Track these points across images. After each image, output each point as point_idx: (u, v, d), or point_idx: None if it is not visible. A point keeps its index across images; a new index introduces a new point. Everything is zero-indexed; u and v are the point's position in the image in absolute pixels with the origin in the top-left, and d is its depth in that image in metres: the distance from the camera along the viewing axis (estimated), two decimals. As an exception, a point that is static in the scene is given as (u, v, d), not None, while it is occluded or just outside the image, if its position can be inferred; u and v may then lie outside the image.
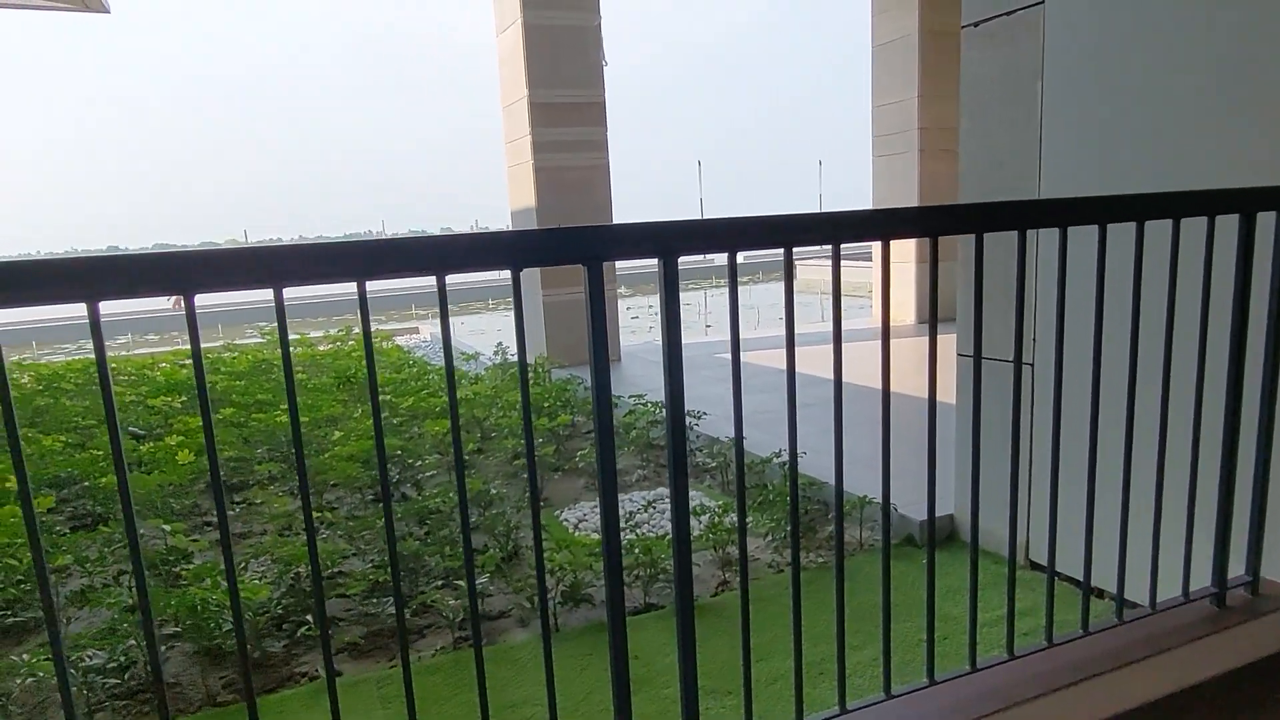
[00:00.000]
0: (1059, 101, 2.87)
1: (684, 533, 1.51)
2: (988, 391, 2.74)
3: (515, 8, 7.44)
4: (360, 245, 1.27)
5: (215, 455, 1.26)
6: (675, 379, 1.48)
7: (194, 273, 1.15)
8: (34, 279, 1.09)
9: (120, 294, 1.16)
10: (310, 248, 1.24)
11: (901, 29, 9.12)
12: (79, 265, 1.12)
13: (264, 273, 1.22)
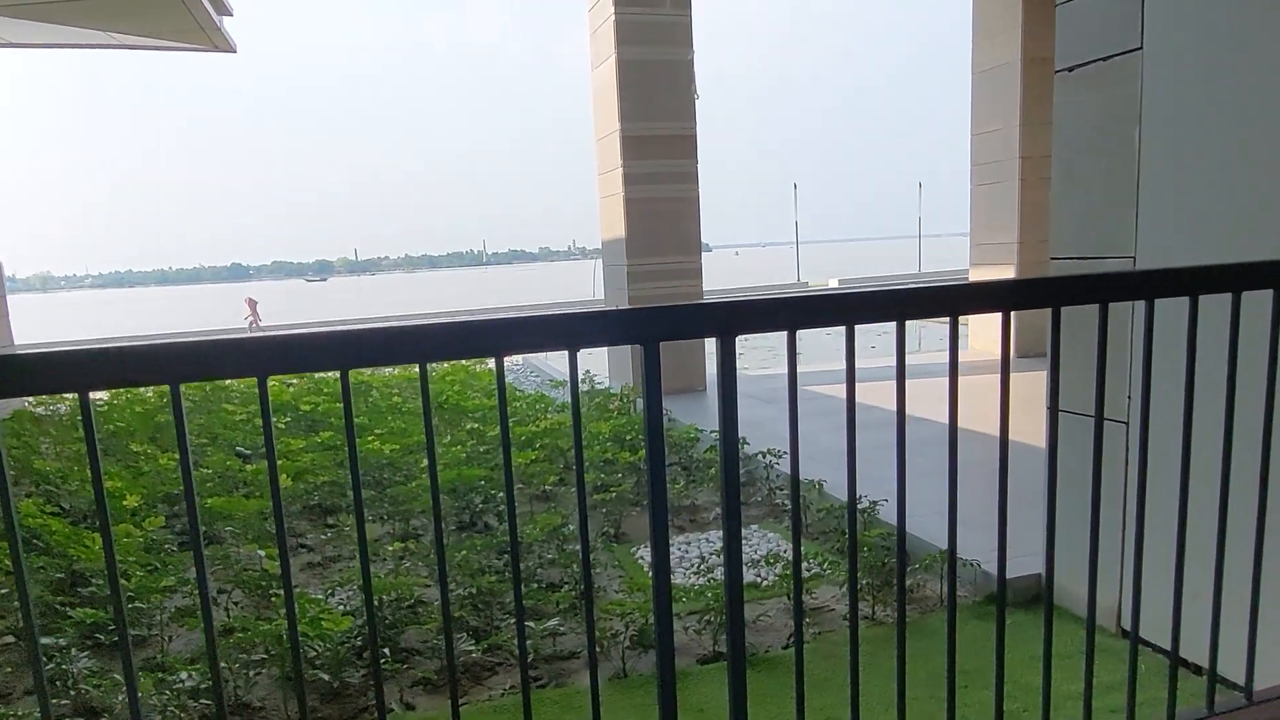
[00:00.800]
0: (1158, 149, 2.74)
1: (736, 589, 1.49)
2: (1077, 447, 2.62)
3: (610, 44, 7.59)
4: (423, 329, 1.31)
5: (281, 517, 1.33)
6: (731, 465, 1.47)
7: (228, 359, 1.23)
8: (119, 363, 1.19)
9: (200, 376, 1.25)
10: (375, 332, 1.30)
11: (1003, 56, 8.87)
12: (161, 350, 1.21)
13: (331, 357, 1.29)
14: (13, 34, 9.38)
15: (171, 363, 1.21)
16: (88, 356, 1.18)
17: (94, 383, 1.19)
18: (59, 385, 1.18)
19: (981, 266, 9.73)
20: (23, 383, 1.17)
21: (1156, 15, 2.69)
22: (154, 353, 1.21)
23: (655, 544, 1.46)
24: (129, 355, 1.21)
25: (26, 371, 1.16)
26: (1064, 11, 3.01)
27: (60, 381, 1.18)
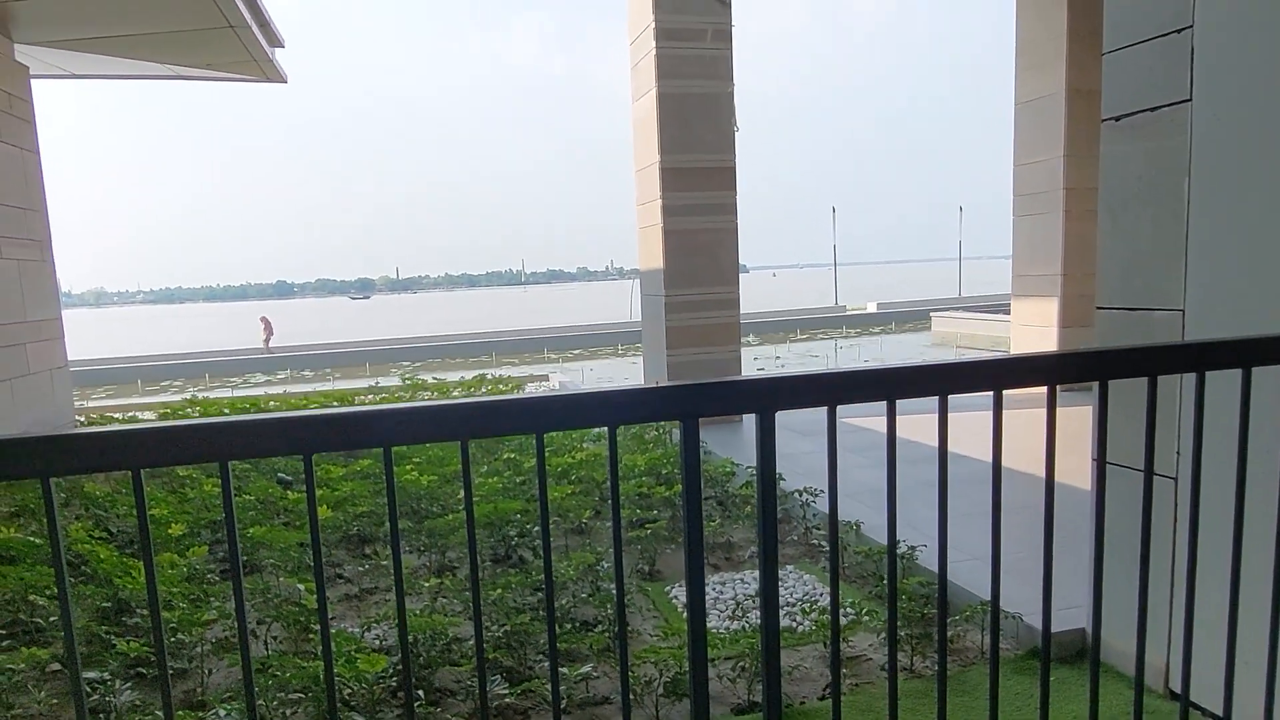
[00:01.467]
0: (1208, 202, 2.69)
1: (773, 644, 1.48)
2: (1122, 500, 2.56)
3: (651, 78, 7.66)
4: (467, 406, 1.33)
5: (323, 590, 1.34)
6: (769, 543, 1.46)
7: (277, 437, 1.25)
8: (168, 440, 1.22)
9: (249, 454, 1.28)
10: (419, 410, 1.32)
11: (1046, 88, 8.78)
12: (209, 429, 1.24)
13: (375, 434, 1.31)
14: (76, 66, 9.74)
15: (222, 441, 1.25)
16: (140, 436, 1.21)
17: (147, 462, 1.22)
18: (113, 464, 1.22)
19: (1024, 298, 9.58)
20: (78, 461, 1.21)
21: (1206, 67, 2.65)
22: (205, 431, 1.24)
23: (693, 634, 1.45)
24: (180, 434, 1.24)
25: (81, 451, 1.20)
26: (1111, 60, 2.97)
27: (114, 460, 1.22)
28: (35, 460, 1.17)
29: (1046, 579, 1.66)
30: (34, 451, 1.17)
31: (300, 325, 50.26)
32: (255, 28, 8.41)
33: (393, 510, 1.35)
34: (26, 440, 1.17)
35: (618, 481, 1.41)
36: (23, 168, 8.49)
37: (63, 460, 1.19)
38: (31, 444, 1.17)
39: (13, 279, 8.17)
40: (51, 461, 1.18)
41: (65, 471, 1.21)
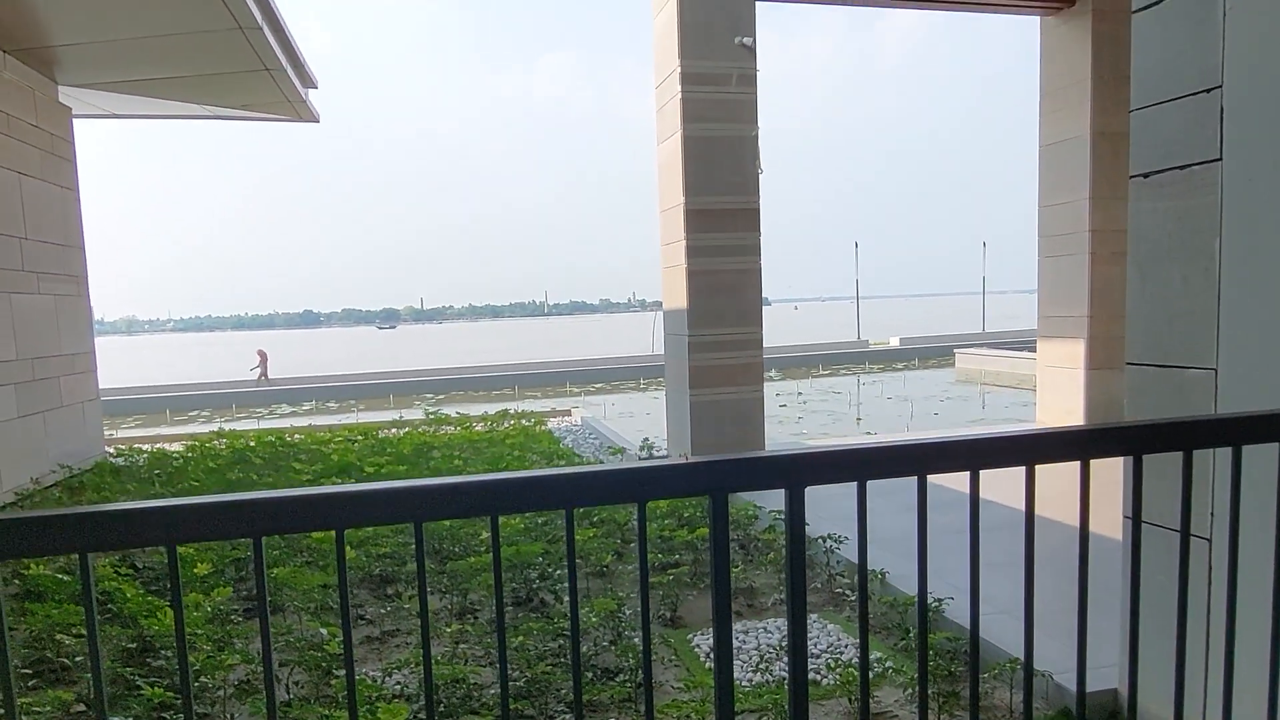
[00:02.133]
0: (1240, 262, 2.67)
1: (801, 705, 1.46)
2: (1155, 559, 2.51)
3: (676, 121, 7.75)
4: (494, 483, 1.34)
5: (351, 659, 1.35)
6: (798, 627, 1.45)
7: (308, 513, 1.26)
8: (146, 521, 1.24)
9: (281, 530, 1.29)
10: (447, 486, 1.33)
11: (1071, 131, 8.79)
12: (244, 505, 1.26)
13: (404, 510, 1.31)
14: (116, 106, 10.02)
15: (254, 517, 1.26)
16: (176, 512, 1.23)
17: (181, 537, 1.24)
18: (148, 539, 1.24)
19: (1050, 339, 9.50)
20: (115, 537, 1.23)
21: (1236, 127, 2.64)
22: (239, 508, 1.26)
23: (720, 701, 1.44)
24: (214, 510, 1.26)
25: (118, 526, 1.22)
26: (1139, 118, 2.97)
27: (149, 535, 1.24)
28: (74, 536, 1.19)
29: (1081, 646, 1.63)
30: (73, 526, 1.19)
31: (327, 355, 50.77)
32: (290, 70, 8.62)
33: (422, 586, 1.36)
34: (66, 516, 1.19)
35: (647, 563, 1.41)
36: (63, 206, 8.71)
37: (100, 535, 1.21)
38: (71, 520, 1.19)
39: (49, 313, 8.35)
40: (89, 537, 1.20)
41: (102, 548, 1.23)
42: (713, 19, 7.69)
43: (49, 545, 1.21)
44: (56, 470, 8.16)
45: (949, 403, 16.99)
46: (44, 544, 1.21)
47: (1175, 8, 2.81)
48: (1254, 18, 2.55)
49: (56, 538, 1.20)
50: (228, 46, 7.73)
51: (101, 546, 1.22)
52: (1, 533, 1.18)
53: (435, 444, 9.50)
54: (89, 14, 7.24)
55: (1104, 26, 8.53)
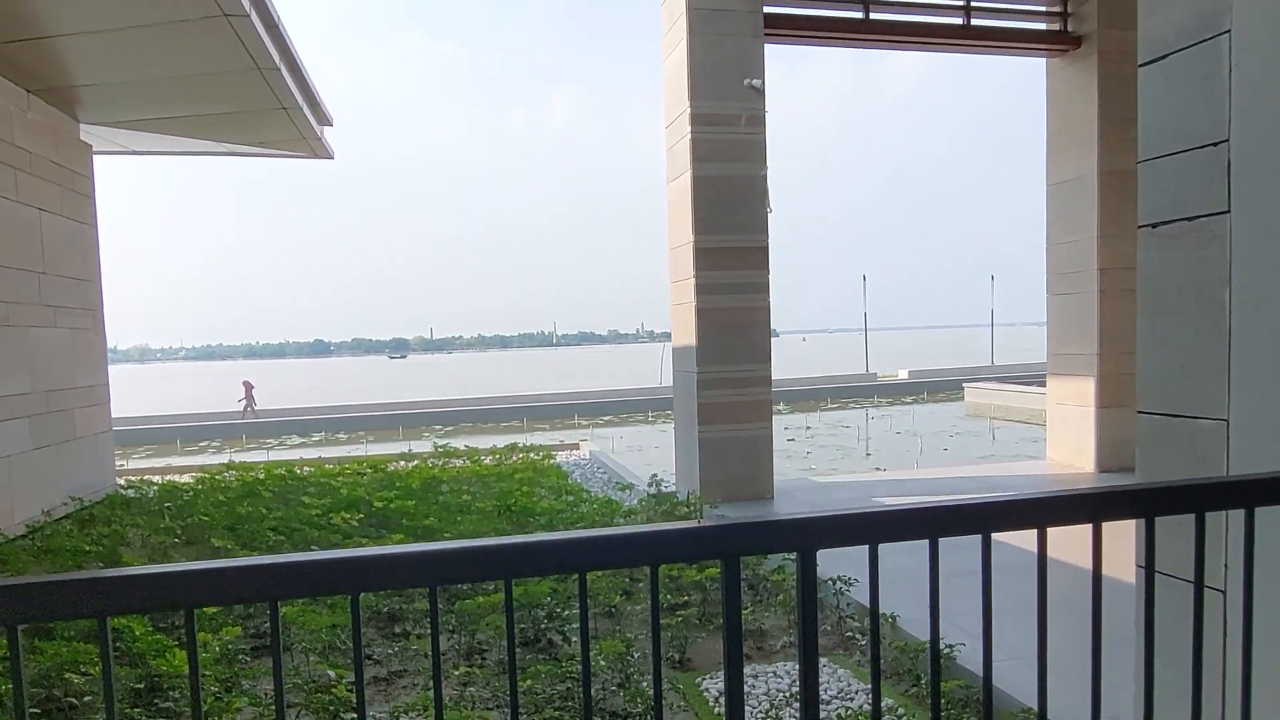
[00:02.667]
0: (1251, 313, 2.67)
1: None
2: (1167, 609, 2.50)
3: (686, 160, 7.84)
4: (508, 547, 1.34)
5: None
6: (810, 692, 1.45)
7: (323, 577, 1.28)
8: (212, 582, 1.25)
9: (298, 594, 1.31)
10: (462, 551, 1.33)
11: (1078, 170, 8.84)
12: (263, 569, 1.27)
13: (420, 574, 1.33)
14: (136, 143, 10.19)
15: (271, 581, 1.27)
16: (194, 575, 1.25)
17: (199, 600, 1.25)
18: (167, 603, 1.25)
19: (1060, 376, 9.48)
20: (132, 600, 1.24)
21: (1244, 181, 2.66)
22: (254, 573, 1.27)
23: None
24: (231, 575, 1.27)
25: (136, 588, 1.23)
26: (1146, 169, 3.00)
27: (168, 599, 1.25)
28: (94, 600, 1.20)
29: (1095, 703, 1.62)
30: (92, 590, 1.20)
31: (338, 385, 50.97)
32: (306, 109, 8.77)
33: (436, 653, 1.36)
34: (86, 580, 1.21)
35: (659, 629, 1.41)
36: (81, 241, 8.83)
37: (120, 599, 1.22)
38: (90, 584, 1.20)
39: (66, 347, 8.43)
40: (109, 601, 1.21)
41: (122, 611, 1.24)
42: (722, 62, 7.81)
43: (69, 609, 1.23)
44: (68, 502, 8.19)
45: (958, 438, 16.91)
46: (64, 608, 1.23)
47: (1181, 63, 2.84)
48: (1260, 73, 2.59)
49: (77, 601, 1.21)
50: (246, 86, 7.88)
51: (121, 610, 1.23)
52: (23, 596, 1.19)
53: (444, 478, 9.50)
54: (112, 56, 7.40)
55: (1109, 68, 8.61)
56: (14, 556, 6.21)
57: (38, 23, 6.77)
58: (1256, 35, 2.57)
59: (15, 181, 7.58)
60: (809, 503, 8.05)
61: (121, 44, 7.13)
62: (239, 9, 6.36)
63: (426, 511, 7.52)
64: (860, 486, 8.82)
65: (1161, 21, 2.88)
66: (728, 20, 7.83)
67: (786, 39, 8.44)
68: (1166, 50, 2.87)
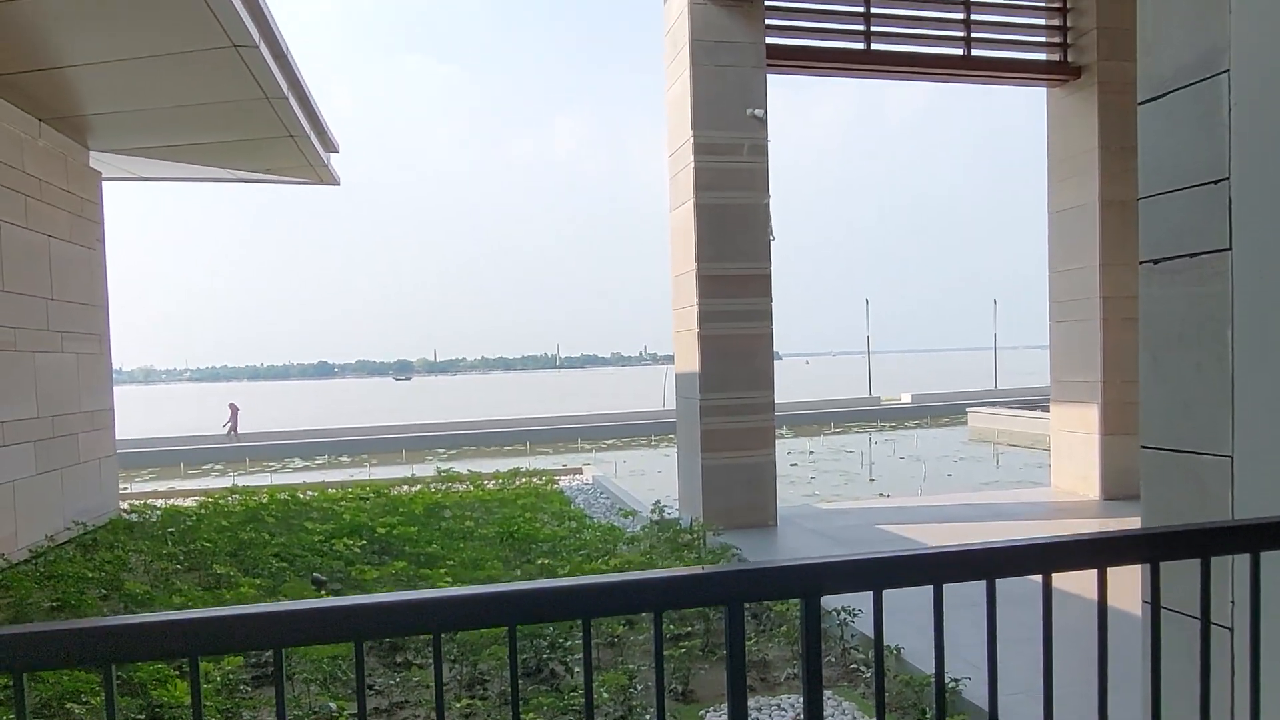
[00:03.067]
0: (1254, 349, 2.68)
1: None
2: (1173, 645, 2.48)
3: (689, 188, 7.90)
4: (513, 593, 1.34)
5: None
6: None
7: (328, 625, 1.28)
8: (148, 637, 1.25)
9: (301, 641, 1.31)
10: (466, 598, 1.33)
11: (1080, 198, 8.89)
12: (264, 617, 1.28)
13: (424, 621, 1.32)
14: (144, 170, 10.29)
15: (275, 629, 1.27)
16: (199, 624, 1.25)
17: (203, 649, 1.26)
18: (171, 652, 1.25)
19: (1063, 404, 9.47)
20: (137, 648, 1.24)
21: (1245, 218, 2.68)
22: (259, 621, 1.27)
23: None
24: (235, 622, 1.27)
25: (140, 637, 1.23)
26: (1147, 205, 3.02)
27: (172, 647, 1.25)
28: (99, 647, 1.21)
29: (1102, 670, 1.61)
30: (98, 639, 1.21)
31: (343, 407, 50.98)
32: (313, 136, 8.86)
33: (439, 700, 1.36)
34: (92, 630, 1.21)
35: (664, 677, 1.41)
36: (89, 266, 8.90)
37: (125, 647, 1.22)
38: (96, 633, 1.21)
39: (71, 371, 8.46)
40: (114, 649, 1.22)
41: (126, 659, 1.24)
42: (725, 92, 7.89)
43: (74, 657, 1.23)
44: (71, 527, 8.19)
45: (962, 463, 16.86)
46: (69, 656, 1.23)
47: (1180, 101, 2.87)
48: (1260, 112, 2.61)
49: (82, 649, 1.21)
50: (254, 115, 7.96)
51: (126, 658, 1.24)
52: (30, 645, 1.20)
53: (446, 503, 9.49)
54: (122, 86, 7.49)
55: (1110, 98, 8.68)
56: (17, 582, 6.20)
57: (50, 53, 6.87)
58: (1256, 74, 2.60)
59: (25, 208, 7.65)
60: (813, 530, 8.02)
61: (132, 74, 7.22)
62: (248, 40, 6.44)
63: (429, 538, 7.51)
64: (865, 513, 8.78)
65: (1160, 60, 2.91)
66: (730, 52, 7.92)
67: (788, 69, 8.52)
68: (1165, 89, 2.90)
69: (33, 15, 6.10)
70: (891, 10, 8.67)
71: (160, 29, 6.44)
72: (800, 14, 8.48)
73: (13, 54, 6.77)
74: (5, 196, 7.35)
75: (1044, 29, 9.20)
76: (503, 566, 6.53)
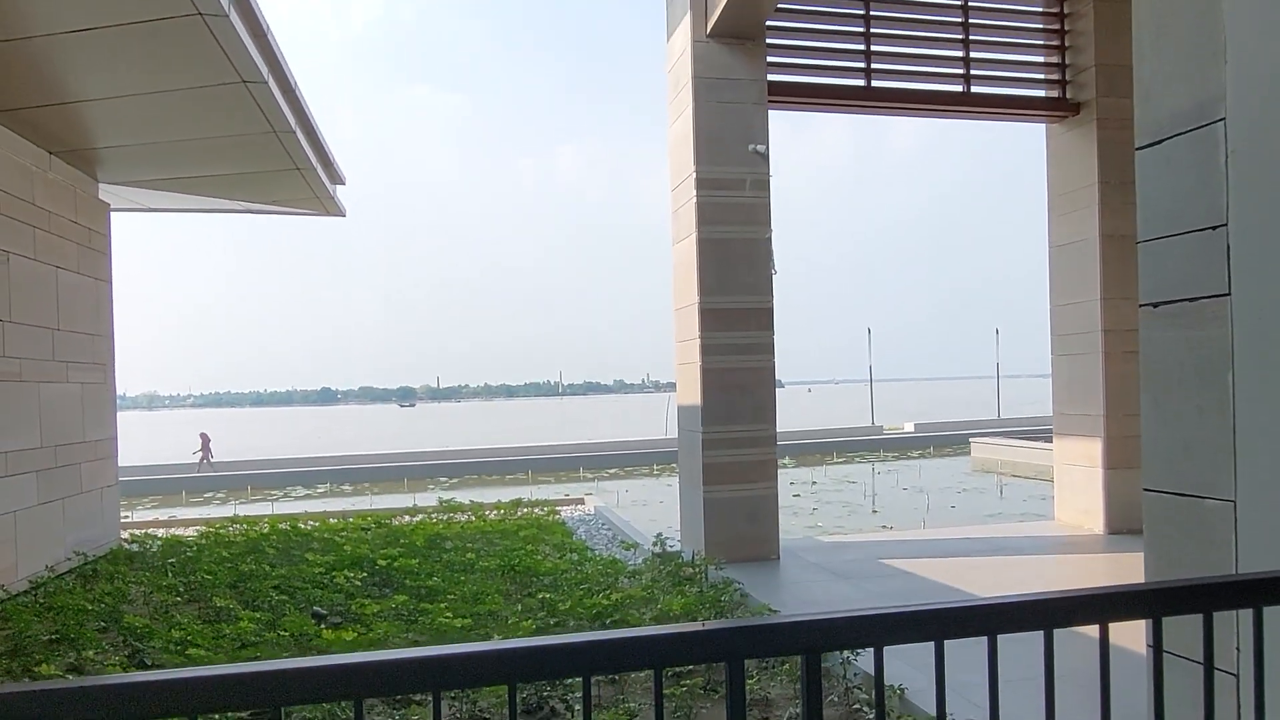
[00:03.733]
0: (1255, 393, 2.69)
1: None
2: (1176, 691, 2.46)
3: (692, 223, 7.96)
4: (511, 651, 1.33)
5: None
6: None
7: (327, 684, 1.28)
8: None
9: (298, 700, 1.31)
10: (464, 656, 1.33)
11: (1080, 233, 8.94)
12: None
13: (424, 679, 1.31)
14: (152, 201, 10.39)
15: (275, 688, 1.27)
16: (195, 683, 1.24)
17: (201, 708, 1.26)
18: (167, 711, 1.25)
19: (1067, 437, 9.45)
20: (130, 709, 1.22)
21: (1244, 263, 2.70)
22: (259, 679, 1.26)
23: None
24: (234, 681, 1.27)
25: (134, 696, 1.22)
26: (1146, 249, 3.05)
27: (168, 707, 1.24)
28: (91, 708, 1.20)
29: None
30: (92, 699, 1.20)
31: (345, 433, 50.94)
32: (320, 169, 8.95)
33: (442, 754, 1.36)
34: (83, 690, 1.21)
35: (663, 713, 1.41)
36: (95, 297, 8.95)
37: (119, 710, 1.21)
38: (93, 692, 1.20)
39: (75, 401, 8.49)
40: (107, 711, 1.21)
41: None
42: (727, 127, 7.97)
43: (65, 716, 1.22)
44: (72, 558, 8.17)
45: (965, 494, 16.78)
46: (59, 716, 1.21)
47: (1178, 147, 2.91)
48: (1257, 159, 2.64)
49: (71, 710, 1.20)
50: (262, 148, 8.06)
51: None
52: (20, 705, 1.19)
53: (448, 534, 9.46)
54: (132, 120, 7.60)
55: (1109, 134, 8.76)
56: (16, 614, 6.18)
57: (63, 89, 6.97)
58: (1253, 122, 2.63)
59: (34, 240, 7.72)
60: (816, 564, 7.97)
61: (143, 109, 7.32)
62: (257, 76, 6.54)
63: (430, 570, 7.47)
64: (868, 547, 8.73)
65: (1158, 106, 2.95)
66: (732, 89, 8.02)
67: (790, 105, 8.62)
68: (1163, 134, 2.94)
69: (47, 52, 6.21)
70: (892, 48, 8.78)
71: (172, 66, 6.54)
72: (801, 51, 8.60)
73: (25, 89, 6.87)
74: (15, 229, 7.43)
75: (1043, 66, 9.31)
76: (503, 601, 6.49)
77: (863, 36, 8.63)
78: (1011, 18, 9.25)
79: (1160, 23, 2.95)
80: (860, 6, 8.65)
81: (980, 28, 9.07)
